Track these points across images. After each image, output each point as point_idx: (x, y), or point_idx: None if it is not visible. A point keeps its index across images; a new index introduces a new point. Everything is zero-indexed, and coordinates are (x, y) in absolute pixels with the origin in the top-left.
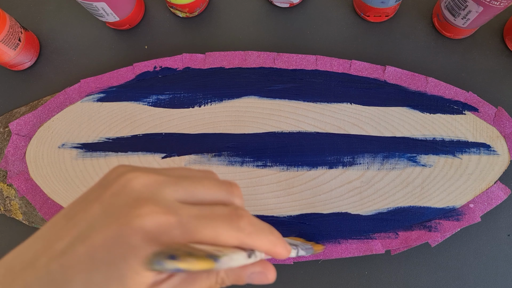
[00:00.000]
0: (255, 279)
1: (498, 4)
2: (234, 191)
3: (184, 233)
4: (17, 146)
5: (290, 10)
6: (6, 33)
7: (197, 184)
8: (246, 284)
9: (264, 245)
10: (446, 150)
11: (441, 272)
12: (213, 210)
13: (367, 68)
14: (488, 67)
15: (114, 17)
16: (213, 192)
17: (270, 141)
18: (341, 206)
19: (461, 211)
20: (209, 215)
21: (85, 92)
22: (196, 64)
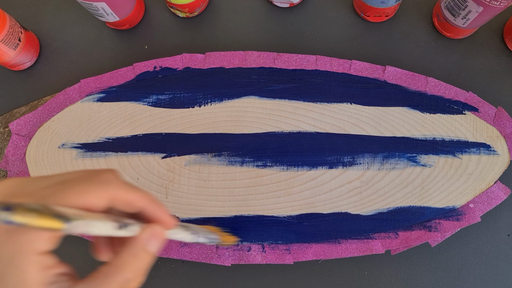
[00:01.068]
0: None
1: (498, 4)
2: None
3: (44, 195)
4: (17, 146)
5: (290, 10)
6: (6, 33)
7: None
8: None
9: (139, 199)
10: (446, 150)
11: (441, 272)
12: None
13: (367, 68)
14: (488, 67)
15: (114, 17)
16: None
17: (270, 141)
18: (341, 206)
19: (461, 211)
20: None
21: (85, 92)
22: (196, 64)
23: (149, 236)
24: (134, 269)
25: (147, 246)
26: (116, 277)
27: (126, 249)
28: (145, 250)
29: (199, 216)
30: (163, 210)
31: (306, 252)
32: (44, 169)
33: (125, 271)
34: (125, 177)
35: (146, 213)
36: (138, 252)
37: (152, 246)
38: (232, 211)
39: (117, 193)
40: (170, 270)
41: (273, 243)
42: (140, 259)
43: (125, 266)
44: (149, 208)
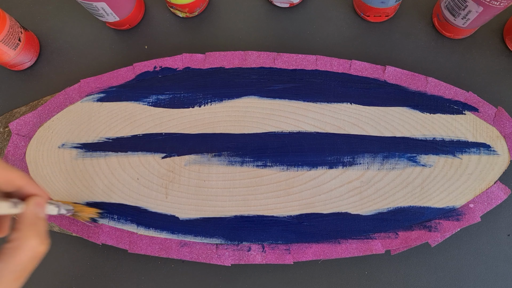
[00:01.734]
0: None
1: (498, 4)
2: None
3: None
4: (17, 146)
5: (290, 10)
6: (6, 33)
7: None
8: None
9: (19, 178)
10: (446, 150)
11: (441, 272)
12: None
13: (367, 68)
14: (488, 67)
15: (114, 17)
16: None
17: (270, 141)
18: (341, 206)
19: (461, 211)
20: None
21: (85, 92)
22: (196, 64)
23: (36, 205)
24: (37, 235)
25: (38, 214)
26: (25, 247)
27: (24, 221)
28: (38, 217)
29: (199, 216)
30: (38, 186)
31: (306, 252)
32: (44, 169)
33: (29, 239)
34: (125, 177)
35: (24, 190)
36: (33, 220)
37: (41, 213)
38: (232, 211)
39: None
40: (170, 270)
41: (273, 243)
42: (37, 225)
43: (27, 236)
44: (28, 185)
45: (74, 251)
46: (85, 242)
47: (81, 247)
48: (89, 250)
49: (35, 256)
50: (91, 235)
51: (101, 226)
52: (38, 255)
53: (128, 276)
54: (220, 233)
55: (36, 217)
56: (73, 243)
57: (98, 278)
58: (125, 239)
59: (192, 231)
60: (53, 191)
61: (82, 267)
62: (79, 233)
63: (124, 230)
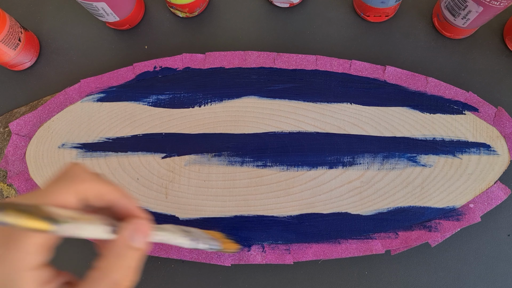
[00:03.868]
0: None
1: (498, 4)
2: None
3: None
4: (17, 146)
5: (290, 10)
6: (6, 33)
7: None
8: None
9: (109, 192)
10: (446, 150)
11: (441, 272)
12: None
13: (367, 68)
14: (488, 67)
15: (114, 17)
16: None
17: (270, 141)
18: (341, 206)
19: (461, 211)
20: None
21: (85, 92)
22: (196, 64)
23: (132, 232)
24: (121, 270)
25: (131, 243)
26: (104, 281)
27: (110, 250)
28: (130, 247)
29: (199, 216)
30: (135, 203)
31: (306, 252)
32: (44, 169)
33: (112, 273)
34: (125, 177)
35: (117, 207)
36: (121, 251)
37: (137, 242)
38: (232, 211)
39: (86, 186)
40: (170, 270)
41: (273, 243)
42: (125, 258)
43: (111, 268)
44: (120, 201)
45: (74, 251)
46: (85, 242)
47: (81, 247)
48: (89, 250)
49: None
50: None
51: None
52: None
53: None
54: None
55: (126, 247)
56: (73, 243)
57: None
58: None
59: None
60: None
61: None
62: None
63: None
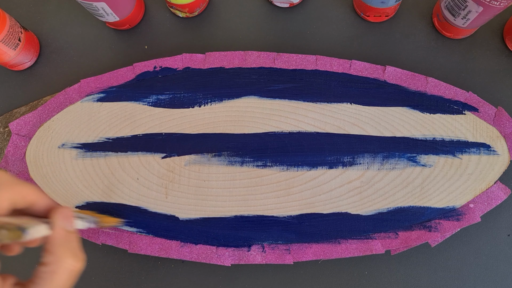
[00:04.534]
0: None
1: (498, 4)
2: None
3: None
4: (17, 146)
5: (290, 10)
6: (6, 33)
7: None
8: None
9: (31, 193)
10: (446, 150)
11: (441, 272)
12: None
13: (367, 68)
14: (488, 67)
15: (114, 17)
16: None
17: (270, 141)
18: (341, 206)
19: (461, 211)
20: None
21: (85, 92)
22: (196, 64)
23: (63, 220)
24: (71, 254)
25: (67, 228)
26: (61, 269)
27: (54, 241)
28: (68, 232)
29: (199, 216)
30: (51, 199)
31: (306, 252)
32: (44, 169)
33: (65, 259)
34: (125, 177)
35: (38, 205)
36: (65, 238)
37: (69, 226)
38: (232, 211)
39: (13, 190)
40: (170, 270)
41: (273, 243)
42: (70, 242)
43: (62, 256)
44: (40, 199)
45: None
46: (85, 242)
47: (81, 247)
48: (89, 250)
49: (72, 274)
50: (91, 235)
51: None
52: (75, 272)
53: (128, 276)
54: (220, 233)
55: (66, 233)
56: None
57: (98, 278)
58: (125, 239)
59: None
60: (53, 191)
61: None
62: (79, 233)
63: (124, 230)
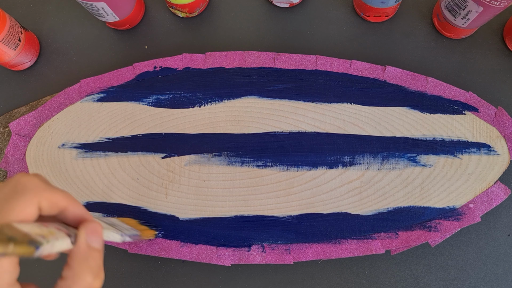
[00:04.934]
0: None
1: (498, 4)
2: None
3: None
4: (17, 146)
5: (290, 10)
6: (6, 33)
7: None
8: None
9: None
10: (446, 150)
11: (441, 272)
12: None
13: (367, 68)
14: (488, 67)
15: (114, 17)
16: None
17: (270, 141)
18: (341, 206)
19: (461, 211)
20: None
21: (85, 92)
22: (196, 64)
23: (89, 235)
24: (90, 272)
25: (91, 244)
26: (78, 286)
27: (75, 256)
28: (91, 248)
29: (199, 216)
30: (83, 207)
31: (306, 252)
32: (44, 169)
33: (83, 276)
34: (125, 177)
35: (68, 212)
36: (85, 254)
37: (95, 243)
38: (232, 211)
39: (42, 196)
40: (170, 270)
41: (273, 243)
42: (91, 260)
43: (80, 272)
44: (71, 207)
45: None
46: None
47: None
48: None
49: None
50: None
51: None
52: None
53: (128, 276)
54: (220, 233)
55: (89, 249)
56: None
57: None
58: None
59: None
60: None
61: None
62: None
63: None
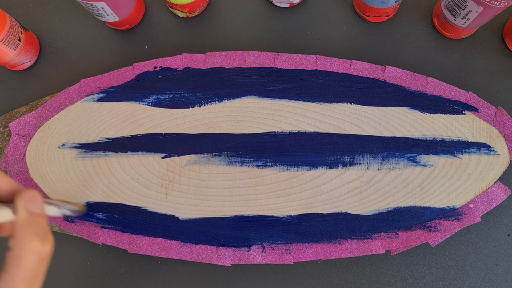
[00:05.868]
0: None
1: (498, 4)
2: None
3: None
4: (17, 146)
5: (290, 10)
6: (6, 33)
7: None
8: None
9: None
10: (446, 150)
11: (441, 272)
12: None
13: (367, 68)
14: (488, 67)
15: (114, 17)
16: None
17: (270, 141)
18: (341, 206)
19: (461, 211)
20: None
21: (85, 92)
22: (196, 64)
23: (28, 201)
24: (36, 236)
25: (31, 209)
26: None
27: (18, 224)
28: (32, 213)
29: (199, 216)
30: (14, 182)
31: (306, 252)
32: (44, 169)
33: (30, 242)
34: (125, 177)
35: (1, 189)
36: (28, 220)
37: (34, 207)
38: (232, 211)
39: None
40: (170, 270)
41: (273, 243)
42: (34, 224)
43: (26, 239)
44: (4, 183)
45: (74, 251)
46: (85, 242)
47: (81, 247)
48: (89, 250)
49: (41, 257)
50: (91, 235)
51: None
52: (44, 255)
53: (128, 276)
54: (220, 233)
55: (30, 215)
56: (73, 243)
57: (98, 278)
58: (125, 239)
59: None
60: (53, 191)
61: (82, 267)
62: (79, 233)
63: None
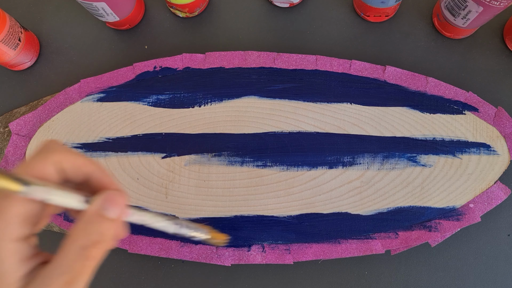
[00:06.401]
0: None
1: (498, 4)
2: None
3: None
4: (17, 146)
5: (290, 10)
6: (6, 33)
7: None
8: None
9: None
10: (446, 150)
11: (441, 272)
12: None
13: (367, 68)
14: (488, 67)
15: (114, 17)
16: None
17: (270, 141)
18: (341, 206)
19: (461, 211)
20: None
21: (85, 92)
22: (196, 64)
23: (103, 201)
24: (88, 236)
25: (102, 212)
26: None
27: (80, 218)
28: (100, 215)
29: (199, 216)
30: (110, 177)
31: (306, 252)
32: None
33: (80, 237)
34: (125, 177)
35: (93, 180)
36: (90, 218)
37: (109, 212)
38: (232, 211)
39: (62, 156)
40: (170, 270)
41: (273, 243)
42: (94, 225)
43: (79, 233)
44: (96, 173)
45: None
46: None
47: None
48: None
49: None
50: None
51: None
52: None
53: (128, 276)
54: None
55: (97, 215)
56: None
57: (98, 278)
58: (125, 239)
59: None
60: None
61: None
62: None
63: None
